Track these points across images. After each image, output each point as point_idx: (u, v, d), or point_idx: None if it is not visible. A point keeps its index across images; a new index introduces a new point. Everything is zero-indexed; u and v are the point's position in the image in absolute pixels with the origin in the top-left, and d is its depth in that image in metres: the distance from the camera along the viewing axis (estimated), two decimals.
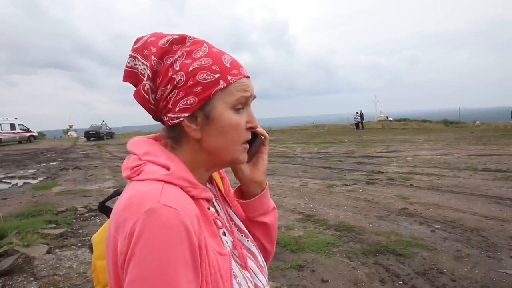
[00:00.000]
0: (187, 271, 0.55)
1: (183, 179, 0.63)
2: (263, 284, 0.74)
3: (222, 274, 0.62)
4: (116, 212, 0.60)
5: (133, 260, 0.53)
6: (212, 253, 0.61)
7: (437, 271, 3.51)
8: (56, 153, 18.85)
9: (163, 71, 0.66)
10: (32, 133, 30.30)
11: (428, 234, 4.54)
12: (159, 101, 0.67)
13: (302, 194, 7.04)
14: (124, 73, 0.71)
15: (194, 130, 0.67)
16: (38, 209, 6.30)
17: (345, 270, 3.59)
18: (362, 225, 4.95)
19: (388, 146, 16.02)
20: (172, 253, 0.53)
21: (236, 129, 0.68)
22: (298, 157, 13.38)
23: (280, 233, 4.68)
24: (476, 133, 21.58)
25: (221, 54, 0.68)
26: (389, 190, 7.17)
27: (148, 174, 0.62)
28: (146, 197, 0.57)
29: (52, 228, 5.19)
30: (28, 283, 3.49)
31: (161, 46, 0.66)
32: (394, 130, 28.21)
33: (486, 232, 4.53)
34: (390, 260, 3.80)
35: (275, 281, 3.37)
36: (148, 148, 0.68)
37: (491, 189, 6.84)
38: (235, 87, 0.67)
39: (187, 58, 0.66)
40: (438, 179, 8.07)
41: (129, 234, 0.54)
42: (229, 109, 0.67)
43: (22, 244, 4.37)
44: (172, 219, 0.54)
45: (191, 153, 0.70)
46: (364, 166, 10.40)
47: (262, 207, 0.82)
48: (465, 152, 12.70)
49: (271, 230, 0.85)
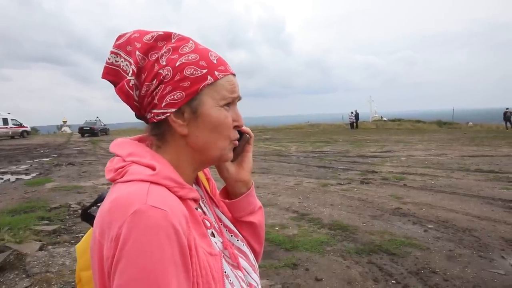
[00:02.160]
0: (178, 273, 0.53)
1: (169, 179, 0.61)
2: (257, 283, 0.73)
3: (214, 275, 0.60)
4: (100, 215, 0.57)
5: (121, 264, 0.51)
6: (203, 254, 0.60)
7: (430, 271, 3.53)
8: (50, 149, 18.67)
9: (148, 67, 0.64)
10: (25, 128, 30.01)
11: (421, 234, 4.56)
12: (143, 97, 0.65)
13: (296, 193, 7.06)
14: (104, 69, 0.68)
15: (180, 126, 0.65)
16: (30, 205, 6.23)
17: (339, 269, 3.60)
18: (356, 224, 4.97)
19: (383, 146, 16.11)
20: (162, 255, 0.51)
21: (223, 125, 0.67)
22: (293, 156, 13.41)
23: (274, 232, 4.69)
24: (469, 134, 21.78)
25: (207, 50, 0.68)
26: (383, 189, 7.21)
27: (133, 175, 0.60)
28: (132, 198, 0.55)
29: (45, 224, 5.14)
30: (20, 280, 3.45)
31: (146, 42, 0.65)
32: (389, 130, 28.37)
33: (478, 232, 4.57)
34: (384, 259, 3.82)
35: (269, 279, 3.37)
36: (132, 149, 0.66)
37: (484, 190, 6.91)
38: (222, 84, 0.67)
39: (174, 54, 0.65)
40: (431, 179, 8.14)
41: (116, 238, 0.52)
42: (217, 105, 0.66)
43: (14, 241, 4.32)
44: (160, 220, 0.53)
45: (177, 151, 0.68)
46: (359, 166, 10.45)
47: (249, 206, 0.81)
48: (458, 152, 12.82)
49: (258, 230, 0.84)
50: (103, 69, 0.68)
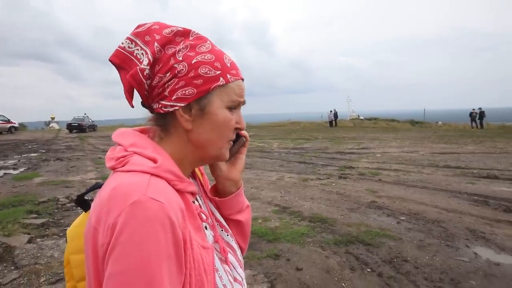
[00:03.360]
0: (171, 264, 0.53)
1: (170, 172, 0.61)
2: (241, 278, 0.73)
3: (206, 267, 0.60)
4: (99, 202, 0.56)
5: (115, 252, 0.50)
6: (196, 246, 0.59)
7: (402, 259, 3.60)
8: (38, 144, 18.03)
9: (164, 59, 0.64)
10: (13, 124, 28.89)
11: (394, 225, 4.64)
12: (154, 88, 0.65)
13: (278, 187, 7.06)
14: (115, 52, 0.67)
15: (186, 121, 0.65)
16: (19, 199, 6.05)
17: (318, 259, 3.63)
18: (335, 217, 5.00)
19: (359, 143, 16.25)
20: (156, 246, 0.51)
21: (227, 126, 0.67)
22: (275, 152, 13.40)
23: (257, 224, 4.69)
24: (439, 133, 22.24)
25: (222, 53, 0.68)
26: (360, 184, 7.28)
27: (135, 165, 0.59)
28: (133, 189, 0.54)
29: (33, 218, 5.00)
30: (8, 272, 3.36)
31: (165, 35, 0.65)
32: (365, 129, 28.65)
33: (445, 223, 4.69)
34: (360, 249, 3.87)
35: (252, 269, 3.37)
36: (134, 140, 0.65)
37: (451, 184, 7.09)
38: (232, 87, 0.67)
39: (191, 51, 0.64)
40: (404, 174, 8.27)
41: (112, 226, 0.51)
42: (223, 107, 0.66)
43: (2, 234, 4.21)
44: (157, 212, 0.52)
45: (178, 145, 0.67)
46: (337, 162, 10.52)
47: (237, 205, 0.81)
48: (429, 150, 13.06)
49: (245, 228, 0.83)
50: (114, 51, 0.67)
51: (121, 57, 0.66)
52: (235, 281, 0.69)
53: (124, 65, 0.66)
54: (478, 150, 12.73)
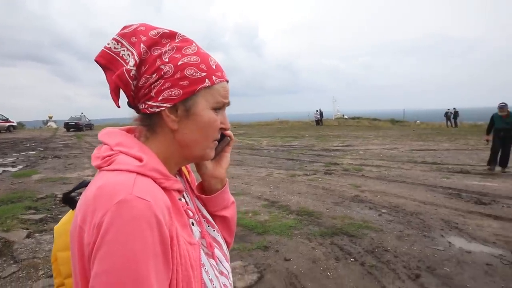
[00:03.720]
0: (157, 262, 0.51)
1: (155, 170, 0.59)
2: (227, 271, 0.72)
3: (192, 263, 0.58)
4: (84, 202, 0.54)
5: (101, 252, 0.49)
6: (183, 243, 0.58)
7: (383, 249, 3.64)
8: (36, 143, 17.61)
9: (150, 61, 0.61)
10: (12, 123, 28.19)
11: (376, 218, 4.68)
12: (140, 88, 0.62)
13: (267, 183, 7.06)
14: (100, 52, 0.64)
15: (172, 121, 0.63)
16: (17, 196, 5.91)
17: (305, 250, 3.64)
18: (320, 210, 5.03)
19: (344, 141, 16.35)
20: (142, 245, 0.49)
21: (212, 126, 0.66)
22: (265, 150, 13.39)
23: (247, 218, 4.68)
24: (417, 131, 22.50)
25: (208, 56, 0.66)
26: (344, 179, 7.32)
27: (120, 164, 0.57)
28: (118, 188, 0.52)
29: (31, 213, 4.90)
30: (8, 266, 3.29)
31: (151, 37, 0.62)
32: (349, 127, 28.84)
33: (423, 215, 4.76)
34: (344, 240, 3.89)
35: (243, 260, 3.37)
36: (120, 139, 0.63)
37: (428, 179, 7.19)
38: (217, 89, 0.65)
39: (177, 53, 0.63)
40: (385, 170, 8.35)
41: (98, 225, 0.49)
42: (208, 108, 0.64)
43: (1, 229, 4.12)
44: (143, 210, 0.50)
45: (164, 144, 0.65)
46: (323, 158, 10.56)
47: (223, 202, 0.79)
48: (408, 147, 13.21)
49: (230, 223, 0.82)
50: (100, 51, 0.64)
51: (107, 58, 0.63)
52: (221, 275, 0.68)
53: (110, 66, 0.63)
54: (453, 147, 12.95)
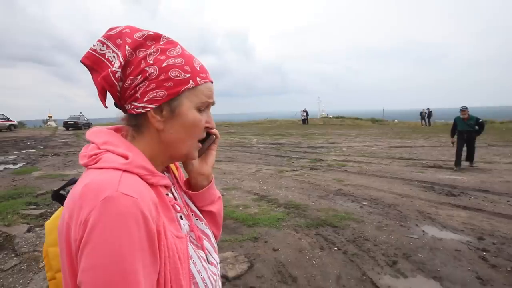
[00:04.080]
0: (144, 256, 0.49)
1: (141, 167, 0.57)
2: (216, 261, 0.71)
3: (180, 255, 0.57)
4: (71, 199, 0.52)
5: (88, 248, 0.47)
6: (171, 236, 0.56)
7: (364, 239, 3.68)
8: (36, 141, 17.19)
9: (135, 62, 0.59)
10: (12, 122, 27.38)
11: (358, 210, 4.72)
12: (126, 89, 0.60)
13: (257, 178, 7.04)
14: (86, 54, 0.61)
15: (158, 121, 0.61)
16: (18, 192, 5.76)
17: (292, 240, 3.65)
18: (307, 203, 5.04)
19: (328, 138, 16.42)
20: (129, 240, 0.47)
21: (197, 126, 0.64)
22: (255, 147, 13.35)
23: (238, 211, 4.67)
24: (395, 129, 22.78)
25: (192, 57, 0.64)
26: (328, 174, 7.35)
27: (107, 162, 0.55)
28: (105, 185, 0.50)
29: (32, 209, 4.78)
30: (9, 259, 3.22)
31: (136, 39, 0.60)
32: (333, 126, 28.95)
33: (400, 207, 4.83)
34: (328, 231, 3.92)
35: (234, 251, 3.36)
36: (107, 138, 0.61)
37: (405, 173, 7.29)
38: (201, 90, 0.63)
39: (162, 55, 0.60)
40: (366, 165, 8.43)
41: (84, 222, 0.47)
42: (193, 108, 0.63)
43: (2, 224, 4.02)
44: (130, 207, 0.49)
45: (150, 143, 0.63)
46: (309, 155, 10.58)
47: (209, 197, 0.77)
48: (387, 144, 13.37)
49: (217, 217, 0.80)
50: (86, 53, 0.61)
51: (92, 59, 0.61)
52: (210, 264, 0.68)
53: (95, 67, 0.61)
54: (427, 144, 13.17)
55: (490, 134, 15.85)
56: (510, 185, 6.05)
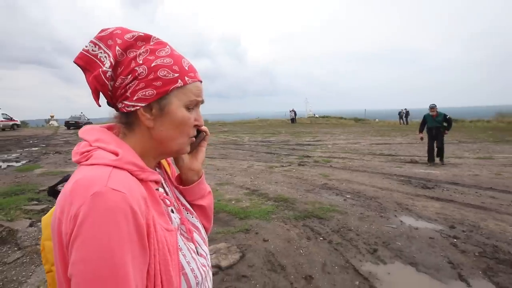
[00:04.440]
0: (133, 249, 0.48)
1: (131, 163, 0.56)
2: (206, 253, 0.70)
3: (170, 248, 0.55)
4: (63, 195, 0.51)
5: (78, 241, 0.46)
6: (160, 229, 0.55)
7: (347, 229, 3.72)
8: (38, 140, 16.76)
9: (126, 62, 0.58)
10: (15, 121, 26.59)
11: (342, 202, 4.76)
12: (117, 89, 0.59)
13: (249, 174, 7.04)
14: (79, 54, 0.59)
15: (148, 119, 0.60)
16: (21, 188, 5.64)
17: (281, 231, 3.66)
18: (295, 197, 5.06)
19: (315, 136, 16.46)
20: (117, 234, 0.46)
21: (186, 124, 0.63)
22: (246, 145, 13.31)
23: (231, 205, 4.66)
24: (376, 128, 23.01)
25: (181, 57, 0.62)
26: (315, 170, 7.39)
27: (97, 159, 0.54)
28: (94, 181, 0.49)
29: (34, 204, 4.69)
30: (12, 252, 3.16)
31: (127, 40, 0.59)
32: (319, 125, 28.95)
33: (380, 199, 4.89)
34: (314, 222, 3.94)
35: (227, 242, 3.36)
36: (99, 136, 0.59)
37: (384, 168, 7.39)
38: (190, 89, 0.62)
39: (151, 55, 0.59)
40: (349, 161, 8.49)
41: (74, 216, 0.47)
42: (182, 106, 0.61)
43: (5, 219, 3.93)
44: (118, 202, 0.48)
45: (141, 140, 0.62)
46: (297, 152, 10.60)
47: (200, 192, 0.76)
48: (368, 141, 13.49)
49: (207, 211, 0.78)
50: (78, 54, 0.60)
51: (85, 60, 0.60)
52: (200, 256, 0.66)
53: (88, 67, 0.59)
54: (404, 141, 13.35)
55: (461, 132, 16.22)
56: (477, 178, 6.22)
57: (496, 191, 5.26)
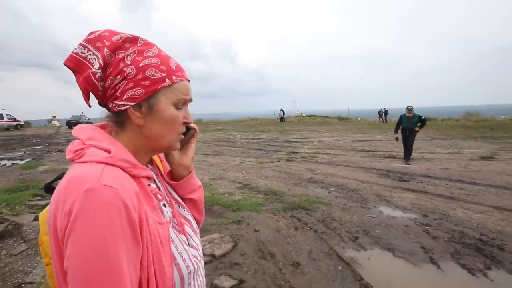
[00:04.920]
0: (127, 241, 0.47)
1: (123, 160, 0.54)
2: (197, 244, 0.69)
3: (162, 240, 0.55)
4: (57, 192, 0.50)
5: (72, 235, 0.45)
6: (153, 223, 0.54)
7: (331, 219, 3.76)
8: (41, 139, 16.34)
9: (114, 63, 0.56)
10: (19, 122, 25.80)
11: (326, 194, 4.80)
12: (107, 89, 0.57)
13: (241, 169, 7.03)
14: (69, 57, 0.57)
15: (138, 118, 0.58)
16: (25, 185, 5.51)
17: (270, 222, 3.68)
18: (283, 190, 5.08)
19: (302, 134, 16.49)
20: (110, 228, 0.45)
21: (175, 121, 0.61)
22: (238, 142, 13.25)
23: (224, 198, 4.65)
24: (358, 126, 23.13)
25: (168, 57, 0.60)
26: (302, 165, 7.42)
27: (90, 156, 0.52)
28: (87, 177, 0.48)
29: (38, 200, 4.59)
30: (18, 245, 3.09)
31: (115, 41, 0.57)
32: (306, 123, 29.01)
33: (361, 191, 4.95)
34: (301, 213, 3.97)
35: (220, 232, 3.36)
36: (92, 134, 0.58)
37: (365, 163, 7.47)
38: (178, 87, 0.60)
39: (139, 56, 0.57)
40: (333, 156, 8.54)
41: (68, 212, 0.46)
42: (170, 105, 0.59)
43: (11, 214, 3.84)
44: (111, 197, 0.47)
45: (132, 138, 0.60)
46: (285, 148, 10.62)
47: (190, 186, 0.74)
48: (351, 138, 13.58)
49: (198, 204, 0.77)
50: (68, 56, 0.58)
51: (74, 62, 0.58)
52: (191, 247, 0.65)
53: (78, 69, 0.58)
54: (383, 138, 13.49)
55: (434, 129, 16.53)
56: (448, 172, 6.36)
57: (464, 183, 5.40)
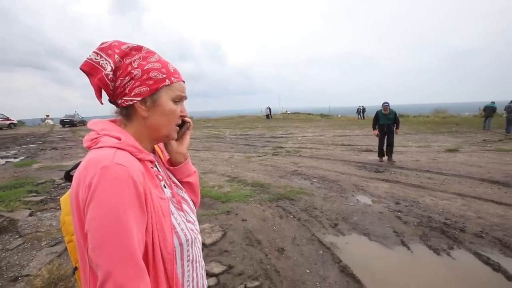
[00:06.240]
0: (135, 210, 0.54)
1: (131, 146, 0.62)
2: (194, 220, 0.75)
3: (163, 212, 0.62)
4: (78, 171, 0.57)
5: (92, 203, 0.52)
6: (156, 197, 0.61)
7: (313, 208, 3.83)
8: (35, 137, 15.59)
9: (123, 67, 0.64)
10: (12, 121, 24.38)
11: (309, 185, 4.88)
12: (117, 88, 0.65)
13: (229, 163, 7.03)
14: (84, 62, 0.65)
15: (143, 111, 0.66)
16: (20, 182, 5.31)
17: (257, 212, 3.72)
18: (269, 182, 5.13)
19: (287, 130, 16.58)
20: (122, 197, 0.53)
21: (173, 114, 0.69)
22: (227, 138, 13.19)
23: (214, 190, 4.66)
24: (338, 122, 23.44)
25: (167, 62, 0.69)
26: (287, 158, 7.48)
27: (104, 143, 0.60)
28: (102, 158, 0.55)
29: (33, 196, 4.44)
30: (14, 240, 3.01)
31: (123, 50, 0.65)
32: (291, 120, 29.04)
33: (341, 182, 5.07)
34: (286, 203, 4.03)
35: (210, 223, 3.38)
36: (104, 126, 0.65)
37: (345, 156, 7.62)
38: (175, 86, 0.68)
39: (143, 61, 0.65)
40: (316, 151, 8.65)
41: (88, 185, 0.53)
42: (170, 100, 0.68)
43: (6, 210, 3.70)
44: (122, 173, 0.54)
45: (138, 128, 0.67)
46: (271, 143, 10.66)
47: (186, 171, 0.81)
48: (332, 134, 13.77)
49: (194, 187, 0.83)
50: (84, 62, 0.65)
51: (89, 66, 0.65)
52: (188, 222, 0.71)
53: (92, 72, 0.65)
54: (361, 133, 13.75)
55: (406, 125, 17.04)
56: (418, 163, 6.61)
57: (432, 173, 5.64)
